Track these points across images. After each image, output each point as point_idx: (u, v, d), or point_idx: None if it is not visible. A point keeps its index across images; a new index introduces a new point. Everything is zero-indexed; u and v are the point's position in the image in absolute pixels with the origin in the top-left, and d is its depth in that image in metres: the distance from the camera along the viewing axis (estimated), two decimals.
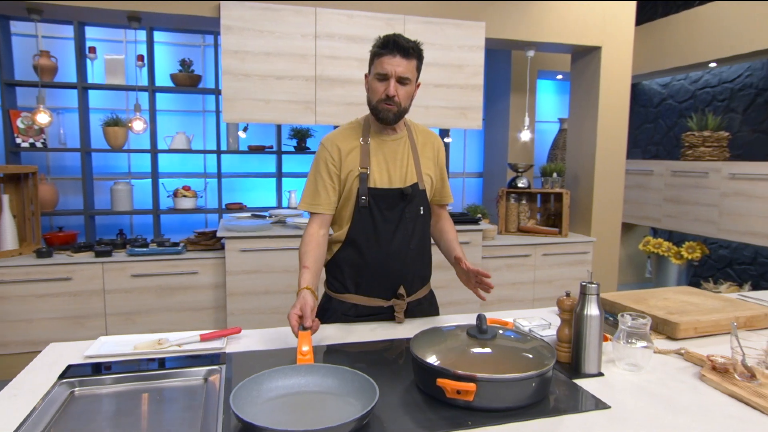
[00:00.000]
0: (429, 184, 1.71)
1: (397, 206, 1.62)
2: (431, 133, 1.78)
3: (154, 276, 3.13)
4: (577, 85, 4.14)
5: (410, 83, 1.57)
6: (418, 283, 1.71)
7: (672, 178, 4.50)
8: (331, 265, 1.69)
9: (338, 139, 1.64)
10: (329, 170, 1.61)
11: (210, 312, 3.26)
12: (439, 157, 1.76)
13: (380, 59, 1.53)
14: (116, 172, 4.31)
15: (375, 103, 1.57)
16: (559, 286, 3.94)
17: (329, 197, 1.62)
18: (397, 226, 1.61)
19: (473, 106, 3.55)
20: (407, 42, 1.54)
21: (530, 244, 3.83)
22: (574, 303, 1.30)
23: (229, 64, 3.13)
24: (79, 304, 3.00)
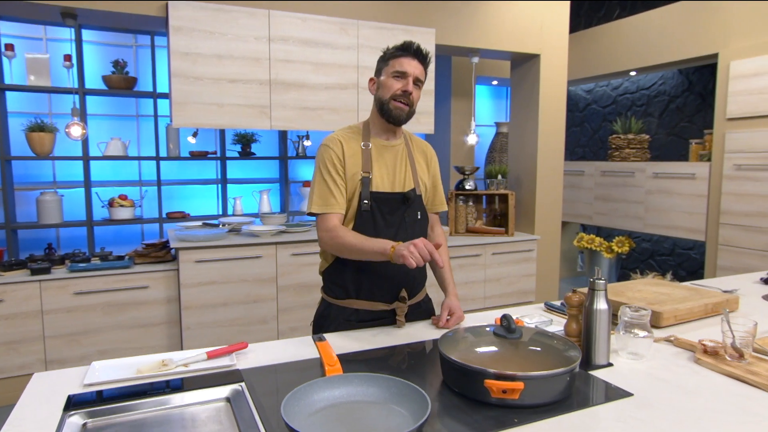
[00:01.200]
0: (424, 191, 1.74)
1: (398, 210, 1.64)
2: (425, 143, 1.83)
3: (100, 293, 2.91)
4: (518, 92, 4.35)
5: (421, 87, 1.63)
6: (419, 286, 1.73)
7: (601, 177, 4.85)
8: (331, 270, 1.68)
9: (342, 140, 1.64)
10: (337, 169, 1.60)
11: (163, 328, 3.09)
12: (433, 166, 1.81)
13: (398, 59, 1.58)
14: (40, 182, 3.96)
15: (388, 99, 1.59)
16: (507, 284, 4.12)
17: (342, 196, 1.60)
18: (398, 229, 1.63)
19: (425, 111, 3.63)
20: (424, 50, 1.62)
21: (480, 244, 3.97)
22: (581, 299, 1.37)
23: (179, 67, 2.99)
24: (11, 328, 2.73)
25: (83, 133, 3.00)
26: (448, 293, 1.73)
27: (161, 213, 4.07)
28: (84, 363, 2.91)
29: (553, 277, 4.39)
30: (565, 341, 1.23)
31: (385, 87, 1.61)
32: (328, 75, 3.32)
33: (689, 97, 4.67)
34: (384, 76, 1.62)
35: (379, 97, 1.63)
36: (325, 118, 3.35)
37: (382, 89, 1.62)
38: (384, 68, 1.63)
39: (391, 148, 1.69)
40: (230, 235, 3.31)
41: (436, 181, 1.82)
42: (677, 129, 4.77)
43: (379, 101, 1.63)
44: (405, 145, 1.73)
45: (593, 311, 1.31)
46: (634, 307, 1.39)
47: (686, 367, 1.31)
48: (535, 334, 1.26)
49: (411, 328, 1.63)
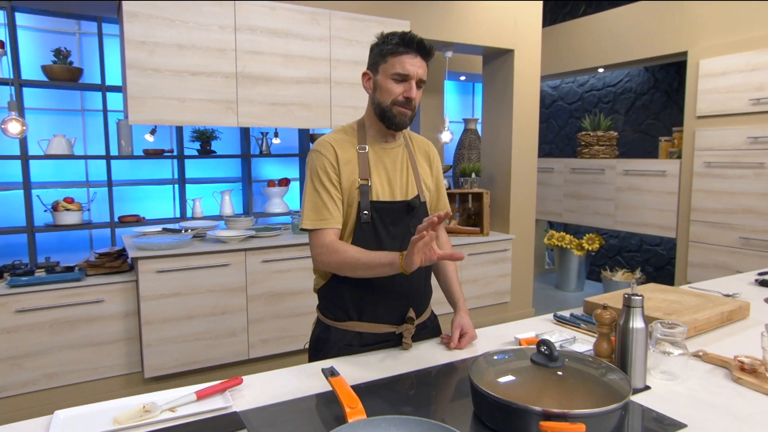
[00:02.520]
0: (428, 196, 1.60)
1: (402, 220, 1.49)
2: (425, 140, 1.68)
3: (46, 309, 2.62)
4: (491, 87, 4.28)
5: (423, 87, 1.48)
6: (425, 304, 1.60)
7: (571, 174, 4.86)
8: (329, 289, 1.51)
9: (334, 144, 1.47)
10: (330, 177, 1.43)
11: (121, 345, 2.82)
12: (435, 167, 1.66)
13: (399, 58, 1.40)
14: None
15: (388, 105, 1.42)
16: (483, 285, 4.05)
17: (337, 208, 1.43)
18: (402, 242, 1.48)
19: None
20: (427, 44, 1.44)
21: (455, 244, 3.87)
22: (613, 316, 1.27)
23: (135, 57, 2.72)
24: None
25: (22, 130, 2.68)
26: (458, 309, 1.60)
27: (113, 217, 3.75)
28: (28, 389, 2.62)
29: (528, 277, 4.36)
30: (606, 366, 1.12)
31: (384, 90, 1.44)
32: (299, 68, 3.13)
33: (655, 95, 4.74)
34: (381, 76, 1.44)
35: (378, 101, 1.46)
36: (297, 114, 3.15)
37: (380, 92, 1.45)
38: (381, 65, 1.45)
39: (391, 152, 1.53)
40: (194, 242, 3.07)
41: (440, 183, 1.68)
42: (643, 126, 4.84)
43: (378, 106, 1.46)
44: (405, 147, 1.58)
45: (629, 330, 1.21)
46: (668, 323, 1.30)
47: (727, 387, 1.23)
48: (572, 359, 1.15)
49: (419, 350, 1.49)
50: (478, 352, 1.48)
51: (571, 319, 1.68)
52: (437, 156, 1.69)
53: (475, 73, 5.02)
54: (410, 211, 1.50)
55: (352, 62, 3.29)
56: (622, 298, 1.25)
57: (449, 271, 1.67)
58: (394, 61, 1.42)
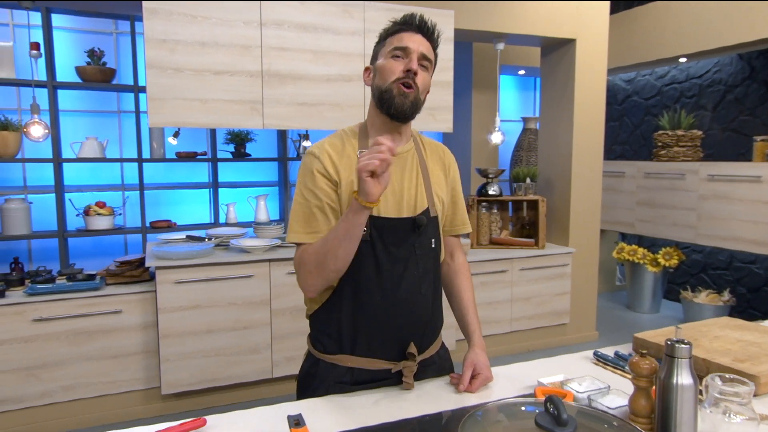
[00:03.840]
0: (441, 210, 1.45)
1: (407, 240, 1.35)
2: (440, 146, 1.53)
3: (63, 319, 2.67)
4: (549, 82, 4.04)
5: (429, 70, 1.35)
6: (431, 337, 1.44)
7: (645, 180, 4.50)
8: (320, 316, 1.40)
9: (330, 147, 1.35)
10: (323, 184, 1.32)
11: (138, 359, 2.84)
12: (452, 175, 1.51)
13: (398, 35, 1.30)
14: (8, 186, 3.75)
15: (388, 86, 1.29)
16: (537, 304, 3.81)
17: (328, 219, 1.32)
18: (406, 265, 1.34)
19: (443, 106, 3.33)
20: (431, 25, 1.34)
21: (506, 258, 3.67)
22: (653, 367, 1.07)
23: (155, 56, 2.73)
24: None
25: (45, 133, 2.76)
26: (472, 344, 1.44)
27: (144, 222, 3.83)
28: (45, 401, 2.68)
29: (590, 296, 4.06)
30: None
31: (382, 71, 1.32)
32: (330, 65, 3.05)
33: (751, 87, 4.30)
34: (381, 60, 1.33)
35: (377, 86, 1.33)
36: (327, 115, 3.07)
37: (379, 76, 1.33)
38: (381, 50, 1.35)
39: (398, 158, 1.38)
40: (217, 251, 3.05)
41: (457, 195, 1.53)
42: (736, 124, 4.41)
43: (377, 91, 1.33)
44: (416, 152, 1.44)
45: (672, 387, 1.01)
46: (729, 378, 1.08)
47: None
48: (589, 421, 0.96)
49: (422, 391, 1.34)
50: (491, 398, 1.31)
51: (614, 360, 1.47)
52: (454, 162, 1.53)
53: (535, 66, 4.77)
54: (416, 230, 1.35)
55: None
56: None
57: (464, 295, 1.51)
58: (393, 39, 1.32)
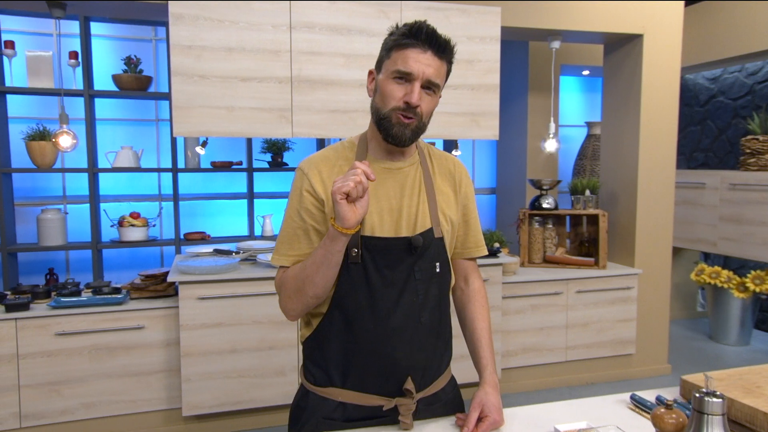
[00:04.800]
0: (448, 230, 1.38)
1: (403, 263, 1.29)
2: (451, 158, 1.47)
3: (85, 334, 2.76)
4: (613, 83, 3.85)
5: (436, 93, 1.29)
6: (435, 371, 1.37)
7: (730, 192, 4.19)
8: (310, 343, 1.36)
9: (321, 163, 1.32)
10: (310, 204, 1.29)
11: (161, 377, 2.89)
12: (463, 191, 1.44)
13: (403, 52, 1.23)
14: (48, 196, 3.96)
15: (387, 113, 1.25)
16: (597, 330, 3.61)
17: (312, 245, 1.29)
18: (402, 291, 1.28)
19: (487, 111, 3.23)
20: (442, 38, 1.26)
21: (561, 279, 3.51)
22: (680, 424, 0.95)
23: (181, 63, 2.80)
24: None
25: (73, 144, 2.89)
26: (483, 381, 1.36)
27: (179, 233, 3.94)
28: (66, 418, 2.77)
29: (661, 323, 3.81)
30: None
31: (383, 93, 1.27)
32: (364, 69, 3.02)
33: None
34: (383, 76, 1.28)
35: (376, 107, 1.29)
36: (360, 122, 3.05)
37: (379, 96, 1.28)
38: (385, 62, 1.29)
39: (398, 172, 1.35)
40: (243, 266, 3.08)
41: (470, 214, 1.46)
42: None
43: (376, 112, 1.29)
44: (420, 166, 1.38)
45: None
46: None
47: None
48: None
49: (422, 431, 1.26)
50: None
51: (653, 407, 1.33)
52: (467, 177, 1.46)
53: (601, 66, 4.57)
54: (413, 252, 1.29)
55: None
56: None
57: (478, 324, 1.44)
58: (397, 56, 1.25)
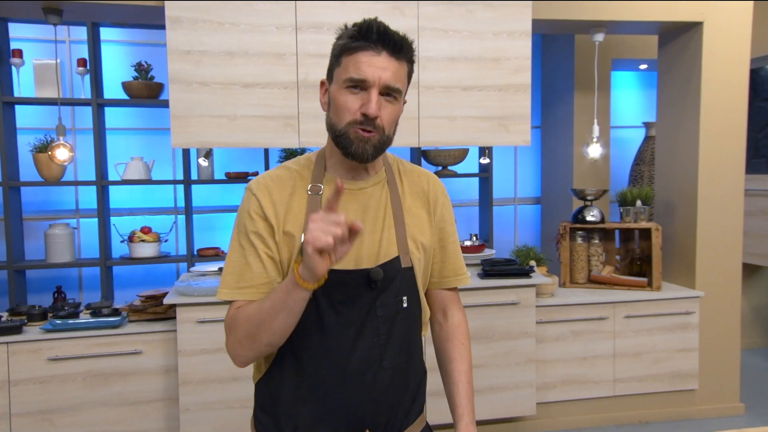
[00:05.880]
0: (420, 258, 1.30)
1: (362, 298, 1.22)
2: (424, 174, 1.39)
3: (80, 359, 2.79)
4: (668, 77, 3.65)
5: (398, 99, 1.21)
6: (402, 421, 1.30)
7: None
8: (261, 388, 1.32)
9: (273, 184, 1.27)
10: (261, 230, 1.23)
11: (159, 406, 2.90)
12: (439, 212, 1.36)
13: (354, 57, 1.16)
14: (61, 210, 4.07)
15: (343, 129, 1.19)
16: (651, 361, 3.40)
17: (266, 273, 1.22)
18: (360, 331, 1.22)
19: (517, 114, 3.10)
20: (397, 35, 1.19)
21: (607, 302, 3.33)
22: None
23: (179, 70, 2.81)
24: None
25: (71, 156, 2.94)
26: (459, 421, 1.31)
27: (192, 249, 3.96)
28: None
29: (731, 355, 3.55)
30: None
31: (336, 106, 1.20)
32: None
33: None
34: (335, 86, 1.21)
35: (331, 122, 1.23)
36: None
37: (333, 109, 1.22)
38: (336, 70, 1.22)
39: (360, 193, 1.28)
40: None
41: (447, 238, 1.38)
42: None
43: (331, 128, 1.23)
44: (387, 185, 1.31)
45: None
46: None
47: None
48: None
49: None
50: None
51: None
52: (443, 195, 1.38)
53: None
54: (373, 286, 1.20)
55: (448, 59, 3.02)
56: None
57: (456, 366, 1.36)
58: (348, 62, 1.18)
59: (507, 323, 3.11)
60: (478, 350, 3.08)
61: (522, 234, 4.70)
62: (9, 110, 3.61)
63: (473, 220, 4.41)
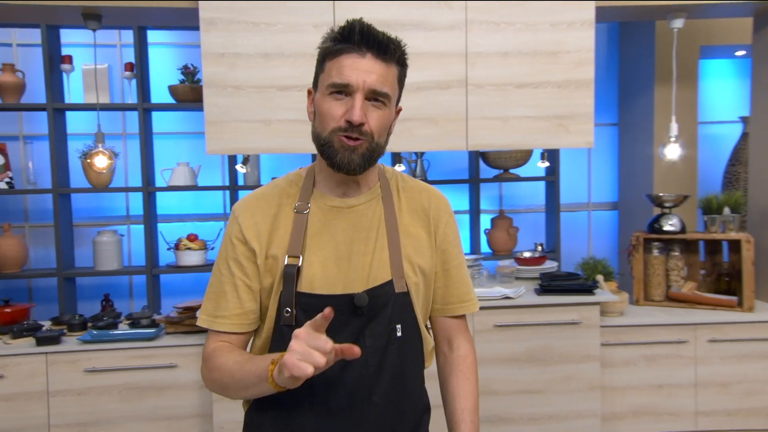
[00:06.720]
0: (417, 282, 1.27)
1: (348, 326, 1.20)
2: (426, 191, 1.37)
3: (114, 371, 2.91)
4: (764, 66, 3.40)
5: (388, 104, 1.20)
6: None
7: None
8: (248, 419, 1.36)
9: (257, 205, 1.28)
10: (241, 256, 1.24)
11: (194, 423, 2.98)
12: (441, 232, 1.33)
13: (338, 60, 1.16)
14: (112, 216, 4.26)
15: (327, 137, 1.18)
16: (742, 393, 3.18)
17: (240, 304, 1.24)
18: (346, 361, 1.19)
19: (579, 113, 2.99)
20: (384, 35, 1.18)
21: (687, 323, 3.15)
22: None
23: (213, 74, 2.88)
24: (12, 412, 2.85)
25: (110, 164, 3.07)
26: None
27: None
28: None
29: None
30: None
31: (320, 113, 1.20)
32: (422, 70, 2.92)
33: None
34: (320, 93, 1.21)
35: (316, 131, 1.22)
36: (418, 132, 2.95)
37: (317, 117, 1.22)
38: (320, 76, 1.23)
39: (350, 212, 1.26)
40: None
41: (450, 261, 1.34)
42: None
43: (316, 138, 1.22)
44: (382, 202, 1.29)
45: None
46: None
47: None
48: None
49: None
50: None
51: None
52: (447, 213, 1.35)
53: None
54: (359, 313, 1.19)
55: (499, 54, 2.94)
56: None
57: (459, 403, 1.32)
58: (331, 66, 1.18)
59: (567, 345, 2.99)
60: (534, 374, 2.98)
61: (597, 243, 4.50)
62: (60, 116, 3.82)
63: (539, 228, 4.28)
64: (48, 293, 4.08)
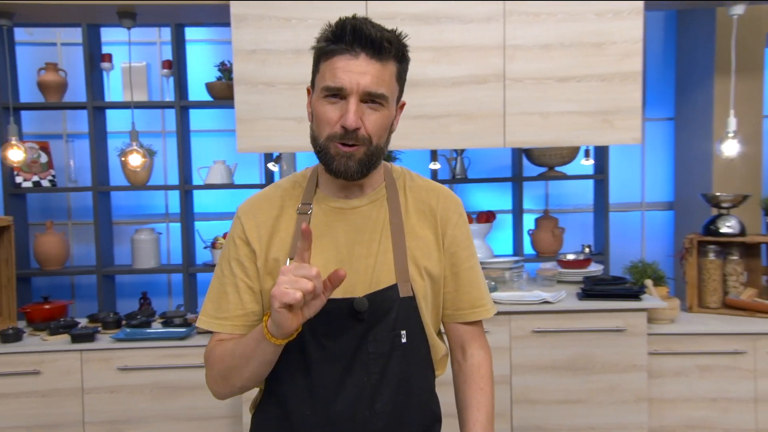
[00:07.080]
0: (424, 286, 1.26)
1: (349, 331, 1.20)
2: (435, 189, 1.35)
3: (146, 370, 2.98)
4: None
5: (386, 105, 1.18)
6: None
7: None
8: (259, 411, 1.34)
9: (259, 206, 1.30)
10: (243, 257, 1.26)
11: (224, 424, 3.03)
12: (450, 234, 1.31)
13: (331, 62, 1.16)
14: (152, 214, 4.37)
15: (323, 143, 1.19)
16: None
17: (242, 305, 1.25)
18: (348, 368, 1.21)
19: (626, 108, 2.90)
20: (379, 31, 1.16)
21: (746, 332, 3.02)
22: None
23: (244, 70, 2.91)
24: (48, 408, 2.95)
25: (144, 162, 3.14)
26: None
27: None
28: None
29: None
30: None
31: (316, 116, 1.21)
32: (457, 64, 2.89)
33: None
34: (315, 95, 1.23)
35: (313, 134, 1.24)
36: (453, 129, 2.91)
37: (315, 121, 1.23)
38: (316, 77, 1.24)
39: (353, 213, 1.27)
40: None
41: (460, 264, 1.32)
42: None
43: (313, 141, 1.24)
44: (387, 203, 1.28)
45: None
46: None
47: None
48: None
49: None
50: None
51: None
52: (456, 214, 1.33)
53: None
54: (360, 318, 1.19)
55: (539, 47, 2.88)
56: None
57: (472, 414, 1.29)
58: (325, 68, 1.18)
59: (611, 353, 2.91)
60: (575, 383, 2.91)
61: (650, 245, 4.36)
62: (99, 114, 3.95)
63: (587, 228, 4.18)
64: (89, 290, 4.22)
